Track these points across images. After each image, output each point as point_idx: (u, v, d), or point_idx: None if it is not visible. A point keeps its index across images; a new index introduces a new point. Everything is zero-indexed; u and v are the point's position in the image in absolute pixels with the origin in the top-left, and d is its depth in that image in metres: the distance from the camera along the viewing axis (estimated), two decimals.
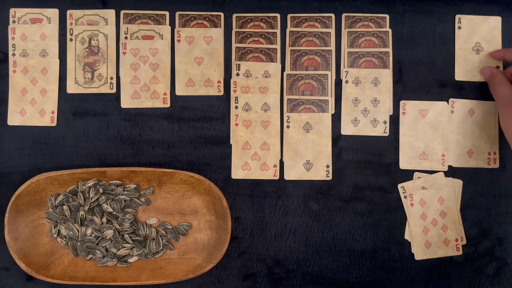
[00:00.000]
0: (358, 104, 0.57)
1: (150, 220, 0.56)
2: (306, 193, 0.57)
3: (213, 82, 0.57)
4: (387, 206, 0.57)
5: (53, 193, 0.55)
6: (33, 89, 0.57)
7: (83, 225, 0.55)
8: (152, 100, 0.57)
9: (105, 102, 0.57)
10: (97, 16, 0.58)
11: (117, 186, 0.55)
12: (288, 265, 0.56)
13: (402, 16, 0.58)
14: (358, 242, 0.56)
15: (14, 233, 0.53)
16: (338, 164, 0.57)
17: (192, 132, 0.57)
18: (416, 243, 0.56)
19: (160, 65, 0.57)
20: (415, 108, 0.57)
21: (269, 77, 0.57)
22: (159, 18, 0.58)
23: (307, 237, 0.56)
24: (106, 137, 0.57)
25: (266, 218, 0.57)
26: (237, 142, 0.57)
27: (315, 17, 0.58)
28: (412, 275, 0.56)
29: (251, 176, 0.57)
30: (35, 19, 0.57)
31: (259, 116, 0.57)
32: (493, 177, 0.57)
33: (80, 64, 0.57)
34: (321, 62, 0.57)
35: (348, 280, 0.56)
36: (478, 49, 0.58)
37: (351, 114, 0.57)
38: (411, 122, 0.57)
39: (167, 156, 0.57)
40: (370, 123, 0.57)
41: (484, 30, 0.58)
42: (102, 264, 0.55)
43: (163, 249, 0.55)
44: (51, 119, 0.57)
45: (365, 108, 0.57)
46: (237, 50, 0.57)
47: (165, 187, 0.56)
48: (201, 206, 0.56)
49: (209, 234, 0.56)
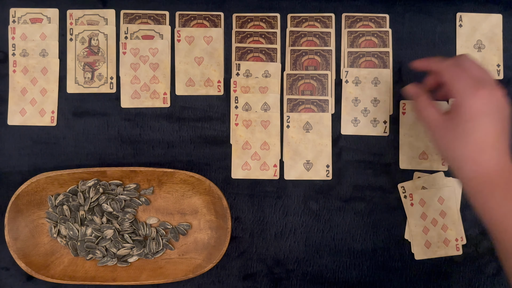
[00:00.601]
0: (358, 104, 0.57)
1: (150, 220, 0.56)
2: (306, 193, 0.57)
3: (213, 82, 0.57)
4: (387, 206, 0.57)
5: (53, 193, 0.55)
6: (33, 89, 0.57)
7: (83, 225, 0.55)
8: (152, 100, 0.57)
9: (105, 102, 0.57)
10: (97, 16, 0.57)
11: (117, 186, 0.55)
12: (288, 265, 0.56)
13: (402, 16, 0.58)
14: (358, 242, 0.56)
15: (14, 233, 0.53)
16: (338, 164, 0.57)
17: (192, 132, 0.57)
18: (416, 243, 0.56)
19: (160, 65, 0.57)
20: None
21: (269, 77, 0.57)
22: (159, 18, 0.58)
23: (307, 237, 0.56)
24: (106, 137, 0.57)
25: (266, 218, 0.57)
26: (237, 142, 0.57)
27: (315, 17, 0.58)
28: (412, 275, 0.56)
29: (251, 176, 0.57)
30: (35, 19, 0.57)
31: (259, 116, 0.57)
32: None
33: (80, 64, 0.57)
34: (321, 62, 0.57)
35: (348, 280, 0.56)
36: (479, 46, 0.58)
37: (351, 114, 0.57)
38: (411, 122, 0.57)
39: (167, 156, 0.57)
40: (370, 123, 0.57)
41: (485, 27, 0.58)
42: (102, 264, 0.55)
43: (163, 249, 0.55)
44: (51, 119, 0.57)
45: (365, 108, 0.57)
46: (237, 50, 0.57)
47: (165, 187, 0.56)
48: (201, 206, 0.56)
49: (209, 234, 0.56)
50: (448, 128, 0.45)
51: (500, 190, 0.43)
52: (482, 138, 0.43)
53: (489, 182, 0.43)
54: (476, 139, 0.43)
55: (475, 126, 0.43)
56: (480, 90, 0.43)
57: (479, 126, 0.43)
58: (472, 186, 0.44)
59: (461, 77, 0.45)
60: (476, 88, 0.43)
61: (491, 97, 0.44)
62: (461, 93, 0.44)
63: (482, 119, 0.43)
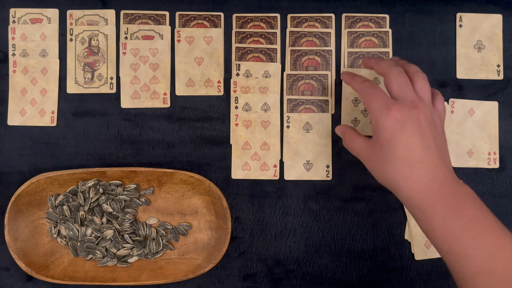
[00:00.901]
0: (358, 104, 0.57)
1: (150, 220, 0.56)
2: (306, 193, 0.57)
3: (213, 82, 0.57)
4: (387, 206, 0.57)
5: (53, 193, 0.55)
6: (33, 89, 0.57)
7: (83, 225, 0.55)
8: (152, 100, 0.57)
9: (105, 102, 0.57)
10: (97, 16, 0.58)
11: (117, 186, 0.55)
12: (288, 265, 0.56)
13: (402, 16, 0.58)
14: (358, 242, 0.56)
15: (14, 233, 0.53)
16: (338, 164, 0.57)
17: (192, 132, 0.57)
18: (416, 243, 0.56)
19: (160, 65, 0.57)
20: None
21: (269, 77, 0.57)
22: (159, 18, 0.58)
23: (307, 237, 0.56)
24: (106, 137, 0.57)
25: (266, 218, 0.57)
26: (237, 142, 0.57)
27: (315, 17, 0.58)
28: (412, 275, 0.56)
29: (251, 176, 0.57)
30: (35, 19, 0.57)
31: (259, 116, 0.57)
32: (493, 177, 0.57)
33: (80, 64, 0.57)
34: (321, 62, 0.57)
35: (348, 280, 0.56)
36: (479, 47, 0.58)
37: (351, 114, 0.57)
38: None
39: (167, 156, 0.57)
40: (370, 124, 0.57)
41: (485, 28, 0.58)
42: (102, 264, 0.55)
43: (163, 249, 0.55)
44: (51, 119, 0.57)
45: (365, 108, 0.57)
46: (237, 50, 0.57)
47: (165, 187, 0.56)
48: (201, 206, 0.56)
49: (209, 234, 0.56)
50: (375, 152, 0.45)
51: (440, 209, 0.41)
52: (407, 154, 0.43)
53: (427, 200, 0.42)
54: (401, 156, 0.43)
55: (395, 144, 0.43)
56: (392, 109, 0.43)
57: (400, 144, 0.43)
58: (412, 206, 0.43)
59: (373, 99, 0.45)
60: (388, 108, 0.43)
61: (406, 114, 0.43)
62: (376, 115, 0.44)
63: (400, 136, 0.43)
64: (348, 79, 0.51)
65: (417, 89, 0.46)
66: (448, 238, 0.41)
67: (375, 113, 0.45)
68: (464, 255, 0.40)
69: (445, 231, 0.41)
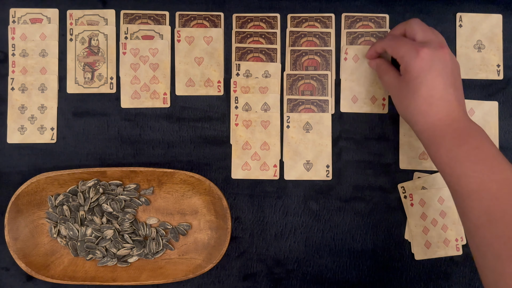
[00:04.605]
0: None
1: (150, 220, 0.56)
2: (306, 193, 0.57)
3: (213, 82, 0.57)
4: (387, 206, 0.57)
5: (53, 193, 0.55)
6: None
7: (83, 225, 0.55)
8: (152, 100, 0.57)
9: (105, 102, 0.57)
10: (97, 16, 0.57)
11: (117, 186, 0.55)
12: (288, 265, 0.56)
13: (402, 16, 0.58)
14: (358, 242, 0.56)
15: (14, 233, 0.53)
16: (338, 164, 0.57)
17: (192, 132, 0.57)
18: (416, 243, 0.56)
19: (160, 65, 0.57)
20: None
21: (269, 77, 0.57)
22: (159, 18, 0.58)
23: (307, 237, 0.56)
24: (106, 137, 0.57)
25: (266, 218, 0.57)
26: (237, 142, 0.57)
27: (315, 17, 0.58)
28: (412, 275, 0.56)
29: (251, 176, 0.57)
30: (35, 19, 0.57)
31: (259, 116, 0.57)
32: None
33: (80, 64, 0.57)
34: (321, 62, 0.57)
35: (348, 280, 0.56)
36: (479, 46, 0.58)
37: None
38: None
39: (167, 156, 0.57)
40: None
41: (485, 27, 0.58)
42: (102, 264, 0.55)
43: (163, 249, 0.55)
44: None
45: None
46: (237, 50, 0.57)
47: (165, 187, 0.56)
48: (201, 206, 0.56)
49: (209, 234, 0.56)
50: (402, 88, 0.49)
51: (449, 139, 0.46)
52: (429, 92, 0.47)
53: (439, 132, 0.46)
54: (423, 94, 0.47)
55: (421, 82, 0.47)
56: (421, 51, 0.47)
57: (425, 82, 0.47)
58: (425, 137, 0.48)
59: (401, 45, 0.49)
60: (417, 50, 0.47)
61: (433, 55, 0.47)
62: (405, 58, 0.48)
63: (427, 75, 0.47)
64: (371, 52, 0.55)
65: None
66: (452, 161, 0.45)
67: (404, 55, 0.48)
68: (463, 176, 0.44)
69: (450, 155, 0.45)
